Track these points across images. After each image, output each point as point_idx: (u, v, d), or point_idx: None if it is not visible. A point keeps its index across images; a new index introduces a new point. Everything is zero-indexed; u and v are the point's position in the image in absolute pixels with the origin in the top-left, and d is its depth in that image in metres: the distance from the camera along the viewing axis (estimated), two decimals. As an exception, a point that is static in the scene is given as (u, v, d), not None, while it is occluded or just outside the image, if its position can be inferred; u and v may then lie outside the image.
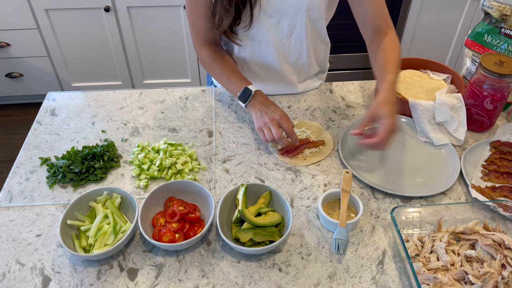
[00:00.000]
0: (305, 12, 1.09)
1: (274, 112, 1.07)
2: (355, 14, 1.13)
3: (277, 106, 1.10)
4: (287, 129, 1.05)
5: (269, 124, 1.05)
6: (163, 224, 0.90)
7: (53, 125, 1.19)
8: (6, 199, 0.99)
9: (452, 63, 2.64)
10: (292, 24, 1.12)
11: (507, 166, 1.03)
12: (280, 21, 1.11)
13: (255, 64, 1.23)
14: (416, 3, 2.33)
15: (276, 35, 1.14)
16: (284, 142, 1.04)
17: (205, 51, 1.17)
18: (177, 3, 2.26)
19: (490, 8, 1.16)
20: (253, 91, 1.11)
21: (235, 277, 0.84)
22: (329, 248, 0.89)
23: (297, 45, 1.18)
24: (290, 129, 1.05)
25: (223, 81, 1.18)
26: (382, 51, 1.08)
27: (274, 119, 1.05)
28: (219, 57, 1.17)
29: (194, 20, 1.13)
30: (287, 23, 1.12)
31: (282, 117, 1.05)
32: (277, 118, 1.05)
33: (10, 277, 0.84)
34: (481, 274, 0.79)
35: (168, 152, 1.05)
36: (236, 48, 1.19)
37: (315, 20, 1.13)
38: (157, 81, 2.63)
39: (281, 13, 1.09)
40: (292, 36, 1.15)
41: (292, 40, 1.16)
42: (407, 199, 0.99)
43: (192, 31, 1.16)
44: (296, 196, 1.00)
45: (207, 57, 1.17)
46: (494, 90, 1.09)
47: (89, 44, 2.41)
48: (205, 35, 1.15)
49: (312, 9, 1.09)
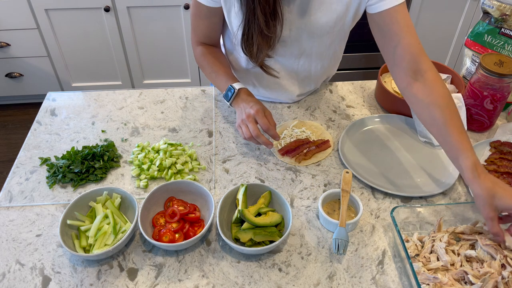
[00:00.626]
0: (318, 39, 1.06)
1: (252, 108, 1.01)
2: (384, 53, 0.99)
3: (258, 102, 1.05)
4: (262, 125, 1.00)
5: (246, 121, 1.01)
6: (163, 224, 0.90)
7: (53, 125, 1.19)
8: (6, 199, 0.99)
9: (452, 63, 2.64)
10: (302, 48, 1.09)
11: (507, 166, 1.03)
12: (291, 45, 1.08)
13: (261, 78, 1.19)
14: (416, 3, 2.33)
15: (285, 56, 1.11)
16: (262, 139, 1.00)
17: (199, 49, 1.16)
18: (177, 3, 2.26)
19: (491, 8, 1.16)
20: (236, 88, 1.06)
21: (235, 277, 0.84)
22: (329, 248, 0.89)
23: (306, 64, 1.15)
24: (266, 124, 1.00)
25: (212, 79, 1.15)
26: (437, 108, 0.89)
27: (250, 115, 1.01)
28: (210, 55, 1.14)
29: (196, 23, 1.11)
30: (297, 47, 1.09)
31: (258, 113, 1.00)
32: (253, 113, 1.00)
33: (10, 277, 0.84)
34: (481, 274, 0.79)
35: (168, 152, 1.05)
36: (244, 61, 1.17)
37: (329, 45, 1.10)
38: (157, 81, 2.63)
39: (293, 38, 1.06)
40: (301, 58, 1.12)
41: (301, 61, 1.13)
42: (407, 199, 0.99)
43: (192, 31, 1.15)
44: (296, 196, 1.00)
45: (200, 55, 1.15)
46: (494, 90, 1.09)
47: (89, 44, 2.41)
48: (204, 39, 1.15)
49: (326, 36, 1.05)
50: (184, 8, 2.27)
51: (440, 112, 0.89)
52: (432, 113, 0.90)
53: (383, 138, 1.15)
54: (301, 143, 1.11)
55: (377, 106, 1.26)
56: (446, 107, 0.89)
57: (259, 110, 1.01)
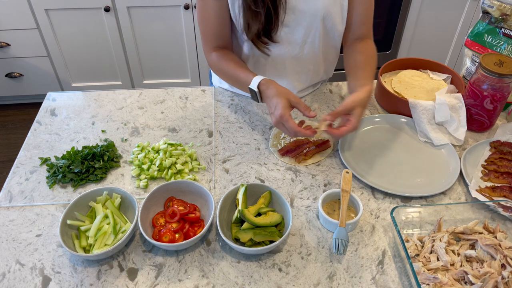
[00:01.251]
0: (320, 22, 1.09)
1: (276, 110, 0.99)
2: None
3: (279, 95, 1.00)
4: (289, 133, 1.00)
5: (277, 126, 1.01)
6: (163, 224, 0.90)
7: (53, 125, 1.19)
8: (6, 199, 0.99)
9: (452, 63, 2.64)
10: (307, 33, 1.11)
11: (507, 166, 1.03)
12: (295, 29, 1.10)
13: (265, 72, 1.21)
14: (416, 3, 2.33)
15: (290, 44, 1.13)
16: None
17: (213, 55, 1.15)
18: (177, 3, 2.26)
19: (491, 7, 1.16)
20: (255, 89, 1.04)
21: (235, 277, 0.84)
22: (329, 248, 0.89)
23: (310, 54, 1.17)
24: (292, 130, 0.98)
25: (234, 83, 1.16)
26: (363, 56, 1.13)
27: (277, 121, 0.99)
28: (225, 58, 1.14)
29: (205, 27, 1.11)
30: (302, 32, 1.11)
31: (282, 117, 0.98)
32: (279, 119, 0.99)
33: (10, 277, 0.84)
34: (481, 274, 0.79)
35: (168, 152, 1.05)
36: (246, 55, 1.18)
37: (329, 28, 1.12)
38: (157, 81, 2.63)
39: (297, 22, 1.08)
40: (306, 46, 1.15)
41: (305, 50, 1.16)
42: (407, 199, 0.99)
43: (203, 38, 1.14)
44: (296, 196, 1.00)
45: (216, 60, 1.14)
46: (494, 90, 1.09)
47: (89, 44, 2.41)
48: (215, 41, 1.14)
49: (328, 18, 1.09)
50: (184, 8, 2.27)
51: (365, 60, 1.12)
52: (358, 57, 1.13)
53: (383, 138, 1.15)
54: (301, 143, 1.11)
55: (377, 106, 1.26)
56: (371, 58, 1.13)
57: (283, 115, 0.97)
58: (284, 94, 1.01)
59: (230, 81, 1.18)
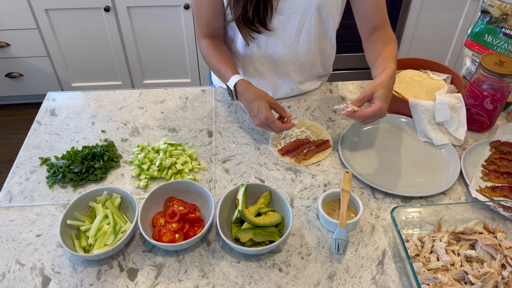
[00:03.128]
0: (315, 10, 1.09)
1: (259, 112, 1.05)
2: (356, 12, 1.15)
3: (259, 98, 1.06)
4: (275, 131, 1.08)
5: (261, 126, 1.07)
6: (163, 224, 0.90)
7: (53, 125, 1.19)
8: (6, 199, 0.99)
9: (452, 63, 2.64)
10: (302, 22, 1.12)
11: (507, 166, 1.03)
12: (289, 18, 1.11)
13: (261, 63, 1.21)
14: (416, 3, 2.33)
15: (285, 33, 1.14)
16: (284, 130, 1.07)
17: (203, 42, 1.18)
18: (177, 3, 2.26)
19: (491, 6, 1.16)
20: (231, 87, 1.09)
21: (235, 277, 0.84)
22: (329, 248, 0.89)
23: (306, 44, 1.17)
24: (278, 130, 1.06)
25: (215, 71, 1.18)
26: (381, 43, 1.11)
27: (262, 123, 1.05)
28: (212, 47, 1.16)
29: (198, 13, 1.14)
30: (296, 21, 1.11)
31: (267, 119, 1.04)
32: (263, 121, 1.05)
33: (10, 277, 0.84)
34: (481, 274, 0.79)
35: (168, 152, 1.05)
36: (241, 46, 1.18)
37: (324, 17, 1.13)
38: (157, 81, 2.63)
39: (291, 10, 1.09)
40: (301, 35, 1.15)
41: (301, 39, 1.16)
42: (407, 199, 0.99)
43: (196, 23, 1.17)
44: (296, 196, 1.00)
45: (205, 47, 1.17)
46: (494, 90, 1.09)
47: (89, 44, 2.41)
48: (207, 29, 1.16)
49: (322, 6, 1.09)
50: (184, 8, 2.27)
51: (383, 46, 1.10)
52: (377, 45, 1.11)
53: (383, 138, 1.15)
54: (301, 143, 1.11)
55: (377, 106, 1.26)
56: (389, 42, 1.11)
57: (268, 117, 1.04)
58: (263, 97, 1.06)
59: (213, 71, 1.20)
